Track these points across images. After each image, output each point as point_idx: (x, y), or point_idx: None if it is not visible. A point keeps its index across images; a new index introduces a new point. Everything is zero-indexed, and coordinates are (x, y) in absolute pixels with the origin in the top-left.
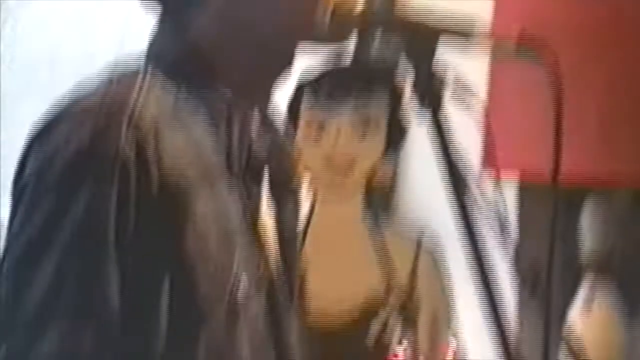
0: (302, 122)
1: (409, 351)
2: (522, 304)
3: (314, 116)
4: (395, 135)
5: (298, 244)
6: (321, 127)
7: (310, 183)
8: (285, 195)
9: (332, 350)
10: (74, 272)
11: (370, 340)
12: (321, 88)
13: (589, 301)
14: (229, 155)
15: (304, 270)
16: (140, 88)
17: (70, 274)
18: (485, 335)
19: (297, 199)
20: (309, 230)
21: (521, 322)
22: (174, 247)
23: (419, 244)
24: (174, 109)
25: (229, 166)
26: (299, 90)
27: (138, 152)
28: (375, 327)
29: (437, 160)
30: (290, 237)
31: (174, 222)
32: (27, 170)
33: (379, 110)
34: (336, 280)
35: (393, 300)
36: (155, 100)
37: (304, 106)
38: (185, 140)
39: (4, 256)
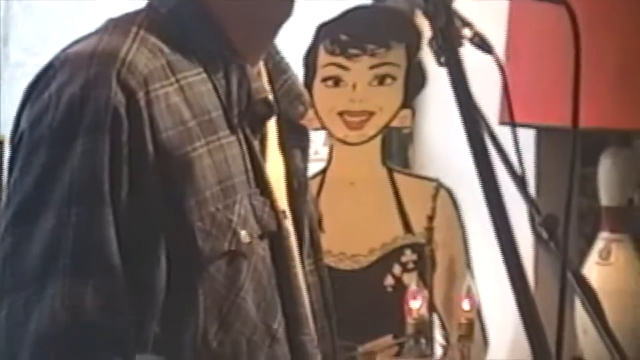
0: (319, 73)
1: (426, 294)
2: (538, 255)
3: (331, 66)
4: (414, 82)
5: (309, 189)
6: (338, 78)
7: (327, 134)
8: (295, 141)
9: (351, 292)
10: (72, 227)
11: (389, 282)
12: (339, 35)
13: (605, 252)
14: (227, 108)
15: (320, 214)
16: (133, 39)
17: (68, 229)
18: (502, 286)
19: (306, 144)
20: (327, 173)
21: (537, 273)
22: (170, 201)
23: (437, 188)
24: (168, 61)
25: (228, 118)
26: (317, 38)
27: (129, 103)
28: (393, 269)
29: (456, 105)
30: (300, 183)
31: (169, 175)
32: (22, 124)
33: (397, 57)
34: (355, 223)
35: (411, 243)
36: (149, 53)
37: (321, 55)
38: (181, 93)
39: (4, 213)
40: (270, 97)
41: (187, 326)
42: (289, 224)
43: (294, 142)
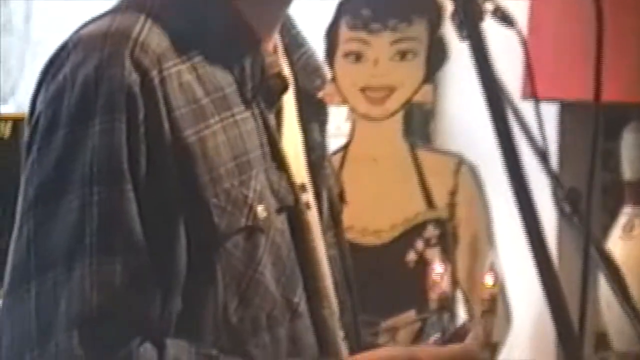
0: (340, 48)
1: (449, 269)
2: (561, 230)
3: (353, 41)
4: (436, 57)
5: (330, 162)
6: (360, 53)
7: (349, 110)
8: (313, 114)
9: (373, 267)
10: (96, 206)
11: (412, 257)
12: (360, 10)
13: (629, 227)
14: (241, 83)
15: (342, 187)
16: (146, 18)
17: (91, 208)
18: (525, 261)
19: (325, 118)
20: (350, 149)
21: (560, 248)
22: (185, 178)
23: (459, 164)
24: (180, 40)
25: (242, 94)
26: (338, 13)
27: (143, 82)
28: (416, 245)
29: (478, 80)
30: (318, 157)
31: (184, 153)
32: (38, 106)
33: (419, 32)
34: (377, 198)
35: (434, 218)
36: (161, 31)
37: (342, 30)
38: (193, 71)
39: (22, 197)
40: (286, 71)
41: (207, 303)
42: (309, 197)
43: (312, 115)
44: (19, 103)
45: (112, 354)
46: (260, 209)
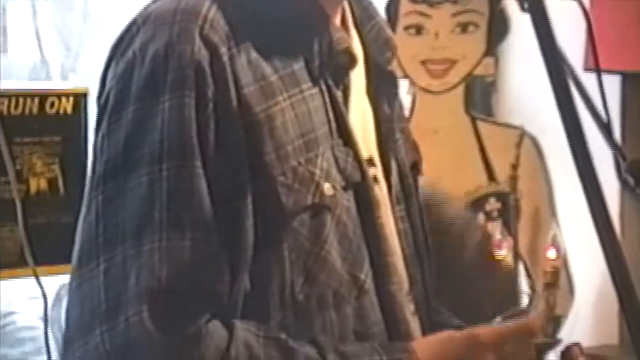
0: (401, 21)
1: (511, 242)
2: (625, 202)
3: (414, 14)
4: (498, 29)
5: (406, 134)
6: (420, 26)
7: (410, 83)
8: (383, 87)
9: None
10: (165, 182)
11: (476, 230)
12: None
13: None
14: (309, 60)
15: (416, 159)
16: None
17: (161, 184)
18: (588, 234)
19: (395, 90)
20: (411, 122)
21: (623, 220)
22: (254, 156)
23: (521, 137)
24: (249, 17)
25: (310, 70)
26: None
27: (212, 59)
28: (478, 218)
29: (540, 53)
30: (388, 130)
31: (253, 131)
32: (108, 83)
33: (480, 4)
34: (439, 171)
35: (495, 191)
36: (230, 9)
37: (403, 3)
38: (262, 48)
39: (91, 173)
40: (356, 44)
41: (273, 281)
42: (378, 171)
43: (383, 88)
44: (80, 79)
45: (181, 329)
46: (327, 187)
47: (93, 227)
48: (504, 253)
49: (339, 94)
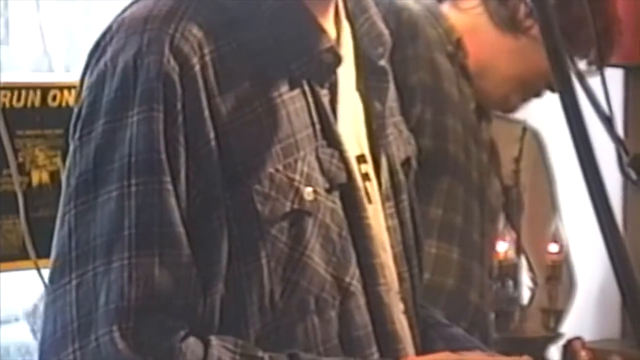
0: None
1: (514, 235)
2: (627, 196)
3: None
4: None
5: (399, 127)
6: None
7: None
8: (374, 82)
9: None
10: (134, 198)
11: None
12: None
13: None
14: (289, 61)
15: (410, 154)
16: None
17: (130, 200)
18: (590, 228)
19: (386, 85)
20: None
21: (626, 214)
22: (227, 165)
23: (523, 130)
24: (229, 19)
25: (291, 72)
26: None
27: (182, 70)
28: None
29: (543, 45)
30: (378, 125)
31: (227, 140)
32: (83, 93)
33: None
34: None
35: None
36: (208, 11)
37: None
38: (238, 52)
39: (64, 186)
40: (346, 40)
41: (252, 289)
42: (369, 168)
43: (374, 82)
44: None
45: (153, 347)
46: (307, 192)
47: (66, 242)
48: (506, 246)
49: (325, 93)
